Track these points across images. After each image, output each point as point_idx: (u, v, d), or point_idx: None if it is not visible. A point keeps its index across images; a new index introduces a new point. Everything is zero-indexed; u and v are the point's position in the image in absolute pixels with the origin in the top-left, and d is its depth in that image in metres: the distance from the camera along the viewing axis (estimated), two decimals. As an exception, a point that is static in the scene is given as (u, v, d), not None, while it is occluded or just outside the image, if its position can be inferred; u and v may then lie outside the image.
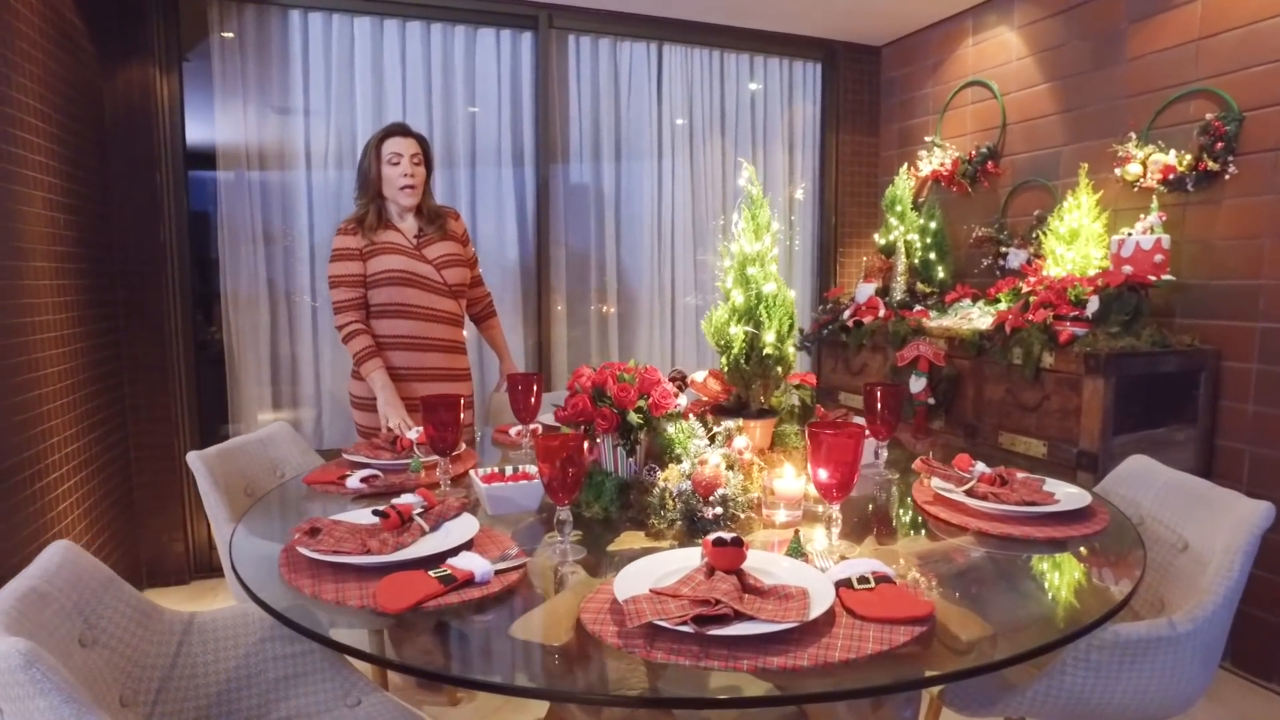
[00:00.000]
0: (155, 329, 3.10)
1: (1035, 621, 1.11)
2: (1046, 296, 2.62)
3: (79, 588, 1.20)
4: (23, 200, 2.28)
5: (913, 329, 3.08)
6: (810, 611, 0.98)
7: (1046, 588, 1.25)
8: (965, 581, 1.26)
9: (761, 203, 1.63)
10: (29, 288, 2.28)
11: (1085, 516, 1.49)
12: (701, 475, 1.43)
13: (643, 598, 1.01)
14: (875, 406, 1.80)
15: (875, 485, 1.80)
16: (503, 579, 1.17)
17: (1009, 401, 2.68)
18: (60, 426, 2.43)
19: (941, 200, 3.72)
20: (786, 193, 4.17)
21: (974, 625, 1.07)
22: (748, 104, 4.05)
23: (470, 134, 3.63)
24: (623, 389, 1.48)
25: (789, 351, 1.63)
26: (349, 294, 2.39)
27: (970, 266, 3.54)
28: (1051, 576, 1.29)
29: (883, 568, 1.13)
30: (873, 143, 4.18)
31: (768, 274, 1.60)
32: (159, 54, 3.05)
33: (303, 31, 3.33)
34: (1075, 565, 1.34)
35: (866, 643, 0.95)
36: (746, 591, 1.05)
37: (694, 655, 0.92)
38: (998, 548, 1.38)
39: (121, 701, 1.23)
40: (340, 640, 1.04)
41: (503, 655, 1.03)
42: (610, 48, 3.81)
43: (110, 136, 3.01)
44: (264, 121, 3.31)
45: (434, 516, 1.37)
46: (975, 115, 3.55)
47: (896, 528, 1.53)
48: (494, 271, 3.69)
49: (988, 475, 1.57)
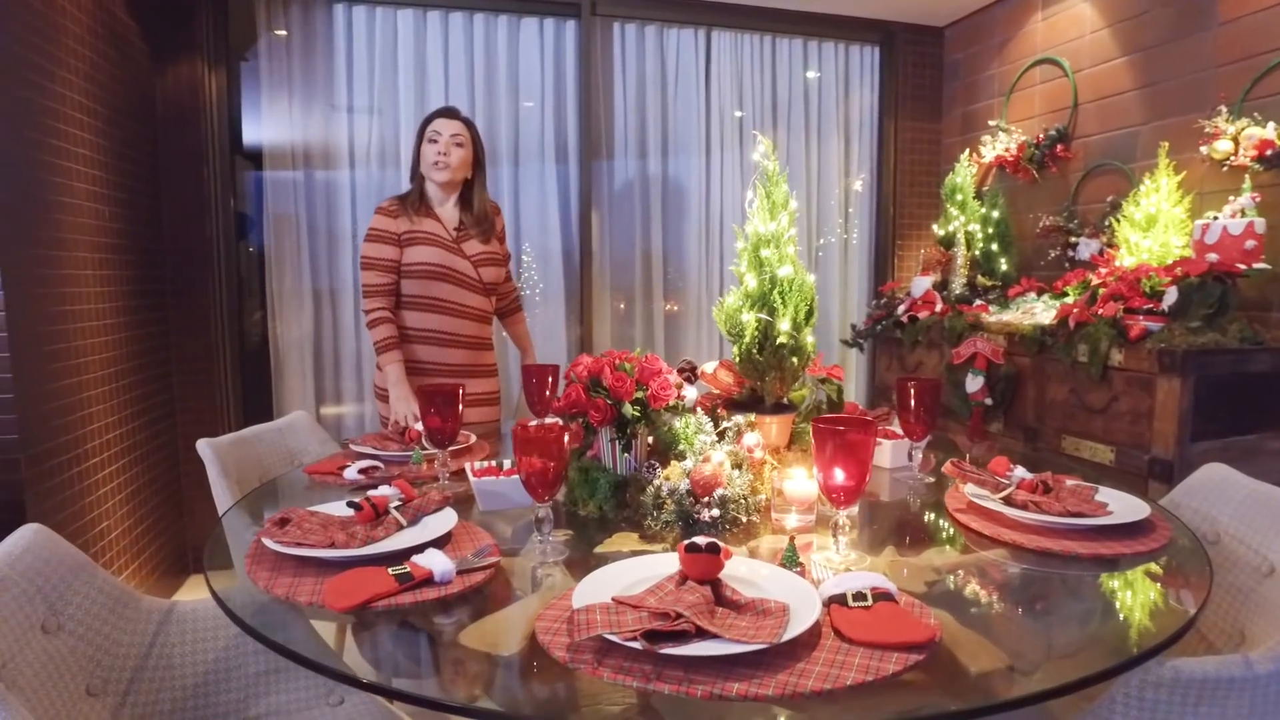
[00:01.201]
0: (201, 321, 3.17)
1: (1065, 653, 0.95)
2: (1117, 288, 2.38)
3: (44, 572, 1.17)
4: (66, 192, 2.34)
5: (970, 324, 2.87)
6: (785, 631, 0.86)
7: (1086, 614, 1.08)
8: (987, 602, 1.10)
9: (778, 179, 1.49)
10: (70, 277, 2.34)
11: (1142, 531, 1.31)
12: (701, 473, 1.31)
13: (599, 607, 0.90)
14: (909, 403, 1.64)
15: (908, 490, 1.65)
16: (466, 580, 1.08)
17: (1073, 403, 2.45)
18: (101, 414, 2.49)
19: (1006, 188, 3.47)
20: (843, 184, 3.98)
21: (987, 655, 0.92)
22: (800, 91, 3.88)
23: (514, 126, 3.58)
24: (619, 379, 1.38)
25: (807, 341, 1.49)
26: (379, 279, 2.35)
27: (1037, 258, 3.28)
28: (1094, 600, 1.12)
29: (885, 583, 0.99)
30: (934, 129, 3.95)
31: (784, 256, 1.46)
32: (207, 52, 3.11)
33: (347, 26, 3.35)
34: (1125, 587, 1.16)
35: (849, 671, 0.82)
36: (721, 604, 0.93)
37: (645, 676, 0.81)
38: (1034, 564, 1.21)
39: (88, 690, 1.20)
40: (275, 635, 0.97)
41: (444, 663, 0.94)
42: (656, 35, 3.70)
43: (161, 132, 3.08)
44: (309, 118, 3.34)
45: (412, 510, 1.30)
46: (1044, 96, 3.29)
47: (921, 538, 1.38)
48: (537, 266, 3.63)
49: (1028, 481, 1.40)
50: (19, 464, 2.04)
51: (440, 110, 2.41)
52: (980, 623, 1.04)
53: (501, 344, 3.33)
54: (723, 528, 1.28)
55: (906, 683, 0.84)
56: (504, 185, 3.59)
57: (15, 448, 2.04)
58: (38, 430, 2.13)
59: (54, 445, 2.21)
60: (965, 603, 1.10)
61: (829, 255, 4.00)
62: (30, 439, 2.08)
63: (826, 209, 3.97)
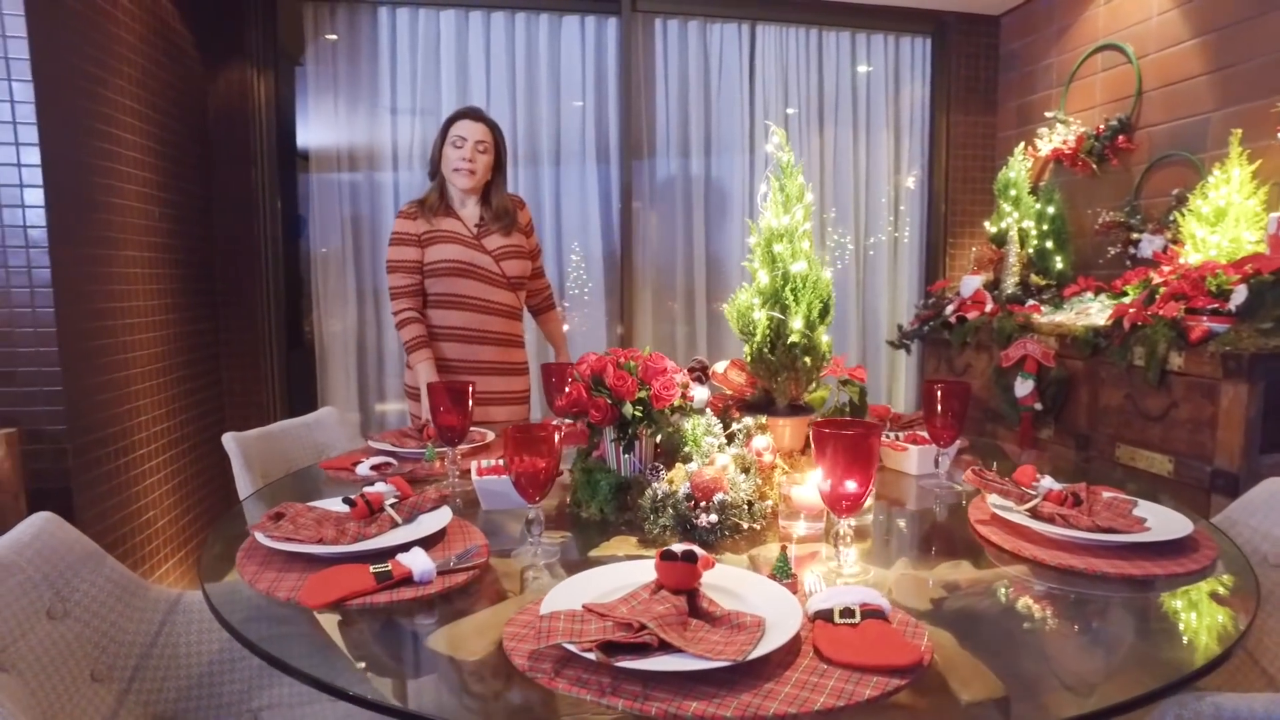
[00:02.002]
0: (249, 317, 3.26)
1: (1074, 683, 0.87)
2: (1179, 287, 2.22)
3: (52, 559, 1.20)
4: (116, 194, 2.44)
5: (1020, 325, 2.73)
6: (754, 649, 0.80)
7: (1106, 640, 0.99)
8: (995, 624, 1.03)
9: (792, 171, 1.43)
10: (119, 275, 2.43)
11: (1183, 550, 1.20)
12: (701, 477, 1.26)
13: (565, 614, 0.87)
14: (935, 406, 1.56)
15: (934, 499, 1.56)
16: (447, 580, 1.06)
17: (1129, 409, 2.30)
18: (148, 406, 2.59)
19: (1063, 183, 3.29)
20: (892, 182, 3.85)
21: (981, 682, 0.85)
22: (848, 85, 3.77)
23: (555, 125, 3.58)
24: (621, 378, 1.34)
25: (822, 340, 1.43)
26: (404, 280, 2.37)
27: (1095, 256, 3.10)
28: (1117, 625, 1.03)
29: (877, 599, 0.93)
30: (988, 123, 3.78)
31: (798, 251, 1.40)
32: (256, 57, 3.21)
33: (391, 29, 3.40)
34: (1156, 612, 1.07)
35: (819, 694, 0.76)
36: (696, 616, 0.89)
37: (600, 689, 0.77)
38: (1056, 583, 1.12)
39: (93, 676, 1.22)
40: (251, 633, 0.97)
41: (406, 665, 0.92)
42: (699, 30, 3.65)
43: (212, 135, 3.19)
44: (354, 120, 3.41)
45: (407, 508, 1.29)
46: (1105, 84, 3.11)
47: (938, 551, 1.30)
48: (578, 266, 3.63)
49: (1056, 493, 1.30)
50: (66, 453, 2.13)
51: (464, 111, 2.38)
52: (984, 646, 0.96)
53: (541, 343, 3.33)
54: (721, 534, 1.23)
55: (883, 709, 0.78)
56: (545, 185, 3.59)
57: (63, 437, 2.12)
58: (85, 421, 2.21)
59: (101, 436, 2.30)
60: (971, 623, 1.03)
61: (878, 254, 3.87)
62: (77, 429, 2.17)
63: (875, 207, 3.85)
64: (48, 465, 2.11)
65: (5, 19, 2.02)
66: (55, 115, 2.13)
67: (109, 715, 1.23)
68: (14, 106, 2.04)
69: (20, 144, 2.05)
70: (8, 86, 2.04)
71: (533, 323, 2.75)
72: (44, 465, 2.11)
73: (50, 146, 2.10)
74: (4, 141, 2.04)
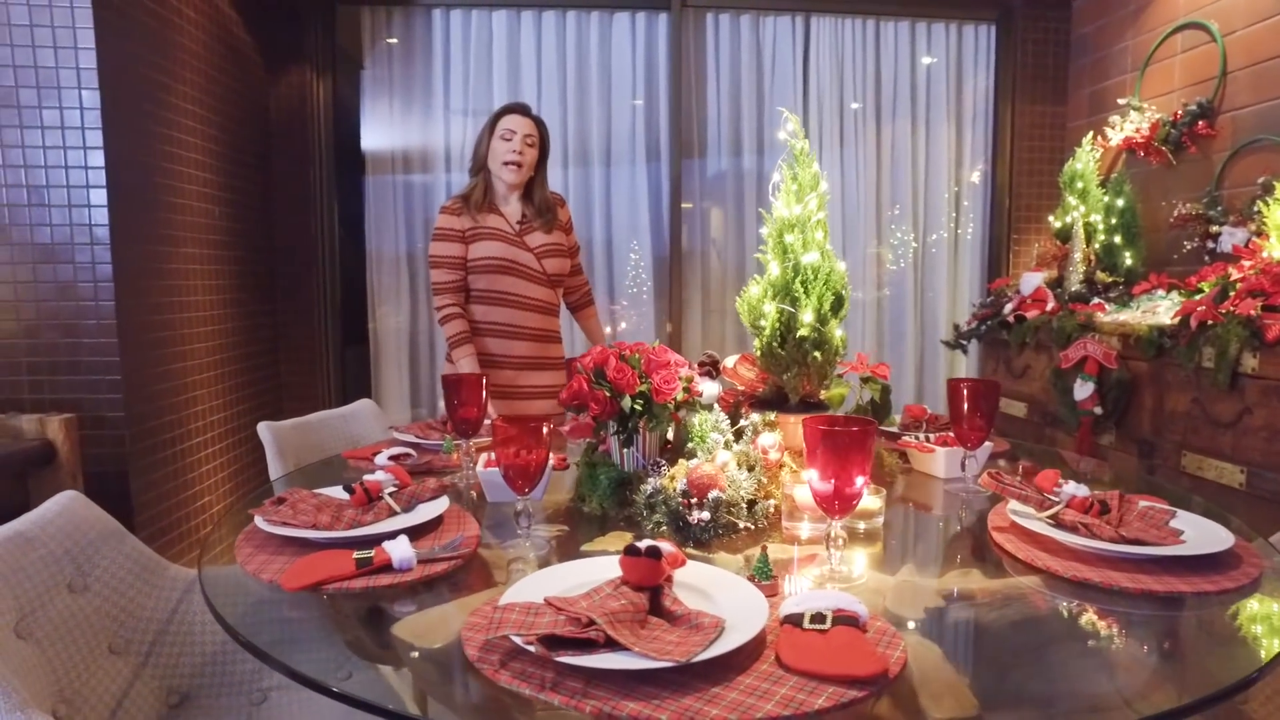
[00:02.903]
0: (306, 313, 3.39)
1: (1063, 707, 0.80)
2: (1257, 283, 2.04)
3: (74, 536, 1.27)
4: (178, 194, 2.57)
5: (1080, 324, 2.57)
6: (704, 651, 0.77)
7: (1108, 661, 0.91)
8: (990, 637, 0.96)
9: (806, 160, 1.38)
10: (179, 270, 2.56)
11: (1220, 565, 1.09)
12: (697, 473, 1.23)
13: (521, 606, 0.85)
14: (960, 406, 1.48)
15: (960, 503, 1.48)
16: (426, 569, 1.06)
17: (1196, 414, 2.13)
18: (206, 396, 2.71)
19: (1135, 174, 3.09)
20: (954, 176, 3.70)
21: (955, 699, 0.79)
22: (907, 77, 3.64)
23: (606, 124, 3.58)
24: (620, 370, 1.32)
25: (834, 335, 1.37)
26: (448, 276, 2.40)
27: (1169, 252, 2.89)
28: (1125, 644, 0.95)
29: (853, 605, 0.87)
30: (1057, 113, 3.58)
31: (810, 241, 1.35)
32: (315, 61, 3.33)
33: (444, 31, 3.47)
34: (1175, 632, 0.98)
35: (767, 702, 0.72)
36: (656, 614, 0.86)
37: (540, 684, 0.75)
38: (1069, 596, 1.04)
39: (111, 649, 1.28)
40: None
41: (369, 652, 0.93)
42: (751, 24, 3.59)
43: (274, 137, 3.33)
44: (408, 122, 3.50)
45: (406, 497, 1.30)
46: (1185, 67, 2.90)
47: (949, 557, 1.23)
48: (635, 265, 3.62)
49: (1080, 500, 1.21)
50: (124, 439, 2.26)
51: (513, 106, 2.40)
52: (973, 660, 0.90)
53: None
54: (715, 533, 1.20)
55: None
56: (596, 184, 3.60)
57: (121, 424, 2.25)
58: (142, 409, 2.34)
59: (158, 423, 2.42)
60: (964, 636, 0.96)
61: (938, 252, 3.73)
62: (134, 416, 2.29)
63: (936, 202, 3.70)
64: (107, 450, 2.24)
65: (77, 32, 2.16)
66: (120, 120, 2.26)
67: (125, 687, 1.29)
68: (83, 113, 2.18)
69: (87, 148, 2.19)
70: (77, 95, 2.17)
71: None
72: (104, 450, 2.24)
73: (115, 150, 2.23)
74: (73, 146, 2.18)
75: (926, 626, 0.96)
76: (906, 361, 3.76)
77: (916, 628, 0.95)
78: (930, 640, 0.92)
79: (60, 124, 2.17)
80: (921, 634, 0.94)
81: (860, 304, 3.74)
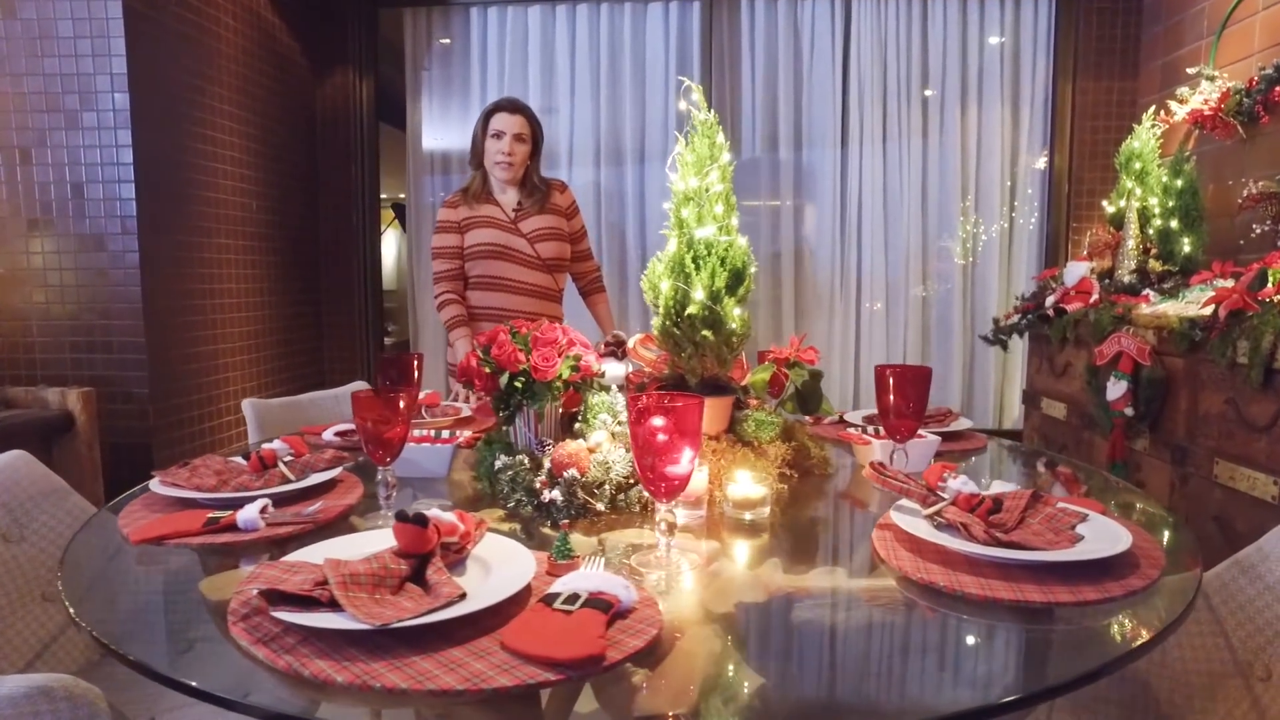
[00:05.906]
0: (346, 302, 3.56)
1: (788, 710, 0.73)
2: (1303, 268, 1.78)
3: (14, 490, 1.38)
4: (211, 189, 2.76)
5: (1116, 317, 2.33)
6: (412, 619, 0.75)
7: (887, 671, 0.82)
8: (800, 639, 0.88)
9: (710, 129, 1.32)
10: (210, 259, 2.75)
11: (1118, 569, 0.96)
12: (560, 453, 1.20)
13: (284, 564, 0.86)
14: (886, 396, 1.37)
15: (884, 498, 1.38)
16: (270, 532, 1.09)
17: (1230, 416, 1.88)
18: (238, 379, 2.90)
19: (1206, 153, 2.77)
20: (1008, 163, 3.44)
21: (674, 697, 0.73)
22: (957, 57, 3.42)
23: (640, 117, 3.57)
24: (501, 348, 1.30)
25: (733, 314, 1.30)
26: (445, 265, 2.48)
27: (1238, 237, 2.57)
28: (925, 653, 0.85)
29: (616, 589, 0.83)
30: (1126, 88, 3.26)
31: (706, 215, 1.28)
32: (358, 61, 3.49)
33: (482, 29, 3.56)
34: (993, 641, 0.87)
35: (449, 674, 0.69)
36: (417, 581, 0.85)
37: (257, 636, 0.76)
38: (917, 598, 0.94)
39: (44, 596, 1.39)
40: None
41: (168, 604, 0.97)
42: (788, 8, 3.48)
43: (319, 135, 3.52)
44: (447, 118, 3.62)
45: (300, 466, 1.34)
46: (1267, 26, 2.57)
47: (823, 555, 1.15)
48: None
49: (965, 497, 1.09)
50: (149, 413, 2.45)
51: (502, 103, 2.44)
52: (754, 660, 0.83)
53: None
54: (569, 513, 1.16)
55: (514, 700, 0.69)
56: (629, 178, 3.60)
57: (145, 399, 2.44)
58: (167, 386, 2.53)
59: (184, 401, 2.61)
60: (764, 636, 0.89)
61: (990, 243, 3.48)
62: (159, 393, 2.48)
63: (988, 191, 3.46)
64: (133, 423, 2.44)
65: (110, 41, 2.36)
66: (150, 120, 2.45)
67: (56, 632, 1.40)
68: (114, 114, 2.38)
69: (119, 146, 2.39)
70: (110, 98, 2.38)
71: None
72: (130, 423, 2.43)
73: (144, 147, 2.42)
74: (107, 145, 2.39)
75: (729, 622, 0.89)
76: (954, 360, 3.54)
77: (719, 622, 0.89)
78: (729, 636, 0.86)
79: (97, 125, 2.38)
80: (722, 630, 0.87)
81: (905, 300, 3.55)
